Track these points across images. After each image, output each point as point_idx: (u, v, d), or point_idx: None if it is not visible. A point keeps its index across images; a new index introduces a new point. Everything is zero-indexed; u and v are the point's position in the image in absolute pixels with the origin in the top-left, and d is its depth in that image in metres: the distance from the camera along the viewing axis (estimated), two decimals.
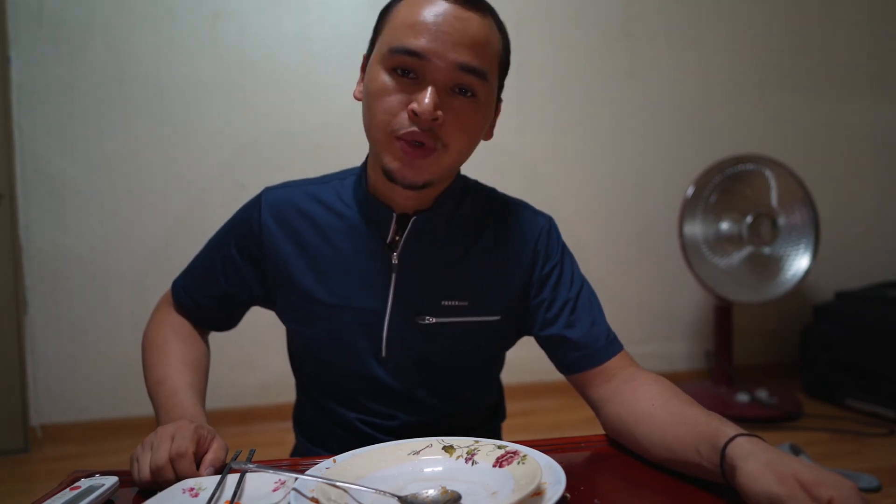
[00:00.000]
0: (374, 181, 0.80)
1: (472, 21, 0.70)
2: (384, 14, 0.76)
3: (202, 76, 2.34)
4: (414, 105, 0.69)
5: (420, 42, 0.69)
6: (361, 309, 0.82)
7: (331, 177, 0.89)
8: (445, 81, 0.70)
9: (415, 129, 0.70)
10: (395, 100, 0.71)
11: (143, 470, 0.63)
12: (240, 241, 0.87)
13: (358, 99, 0.78)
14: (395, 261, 0.81)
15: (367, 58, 0.78)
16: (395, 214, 0.80)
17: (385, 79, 0.71)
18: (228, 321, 0.94)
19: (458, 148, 0.74)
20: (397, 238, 0.81)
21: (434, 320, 0.81)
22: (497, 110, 0.80)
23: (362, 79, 0.78)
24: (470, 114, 0.72)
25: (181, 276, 0.94)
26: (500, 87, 0.79)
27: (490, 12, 0.74)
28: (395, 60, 0.70)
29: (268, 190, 0.88)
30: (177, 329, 0.90)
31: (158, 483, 0.63)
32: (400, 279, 0.81)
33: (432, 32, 0.69)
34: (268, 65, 2.39)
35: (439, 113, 0.69)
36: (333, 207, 0.84)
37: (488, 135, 0.80)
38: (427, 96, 0.69)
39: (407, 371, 0.84)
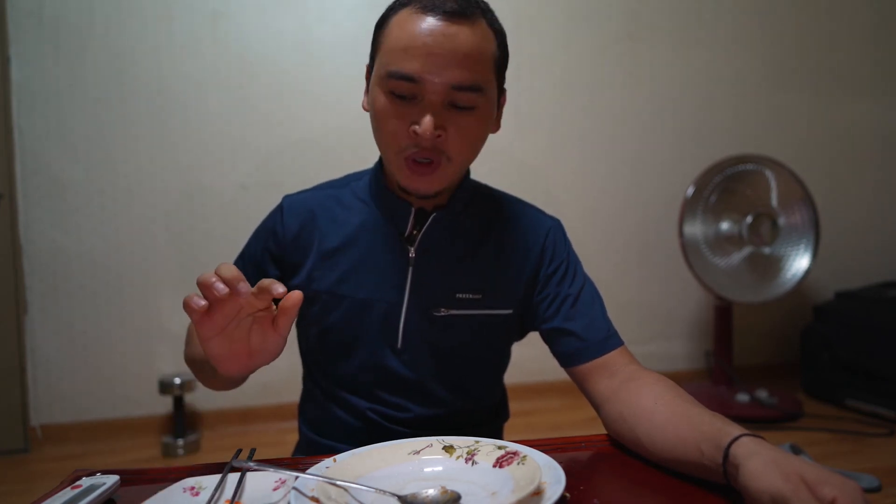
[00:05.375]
0: (393, 179, 0.84)
1: (461, 35, 0.72)
2: (379, 30, 0.78)
3: (202, 76, 2.34)
4: (415, 127, 0.73)
5: (413, 66, 0.72)
6: (379, 301, 0.85)
7: (346, 179, 0.93)
8: (442, 100, 0.73)
9: (419, 148, 0.74)
10: (397, 122, 0.75)
11: (215, 284, 0.57)
12: (267, 247, 0.91)
13: (366, 110, 0.82)
14: (412, 254, 0.84)
15: (369, 68, 0.81)
16: (413, 209, 0.83)
17: (386, 102, 0.75)
18: None
19: (462, 158, 0.78)
20: (414, 232, 0.85)
21: (448, 312, 0.85)
22: (502, 101, 0.83)
23: (367, 90, 0.82)
24: (471, 125, 0.76)
25: None
26: (502, 80, 0.81)
27: (481, 14, 0.75)
28: (392, 85, 0.74)
29: (288, 196, 0.92)
30: None
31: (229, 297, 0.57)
32: (416, 272, 0.84)
33: (423, 55, 0.71)
34: (268, 64, 2.39)
35: (440, 133, 0.73)
36: (352, 206, 0.88)
37: (495, 127, 0.83)
38: (426, 119, 0.72)
39: (421, 362, 0.86)
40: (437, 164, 0.76)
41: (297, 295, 0.61)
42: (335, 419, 0.90)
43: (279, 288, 0.58)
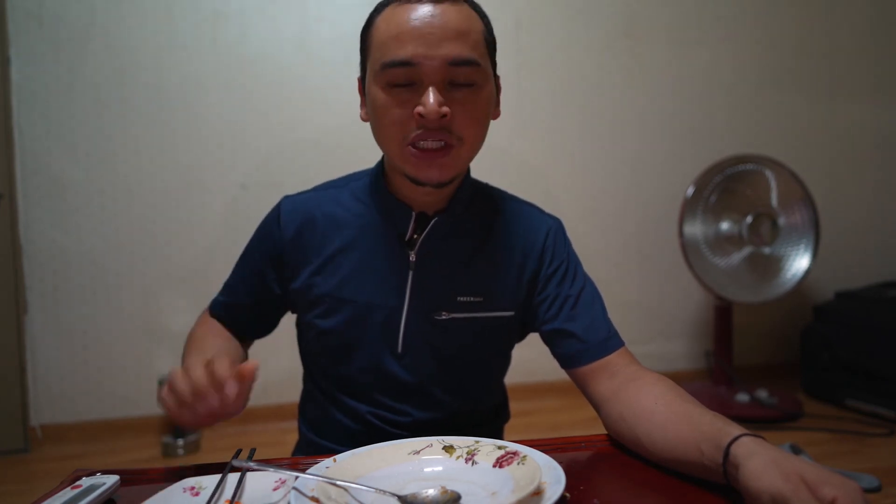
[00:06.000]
0: (394, 181, 0.83)
1: (449, 13, 0.72)
2: (365, 35, 0.79)
3: (202, 76, 2.34)
4: (419, 108, 0.72)
5: (407, 50, 0.71)
6: (380, 305, 0.84)
7: (346, 179, 0.92)
8: (442, 79, 0.72)
9: (424, 130, 0.73)
10: (399, 110, 0.74)
11: (183, 391, 0.62)
12: (263, 249, 0.90)
13: (365, 120, 0.82)
14: (412, 258, 0.83)
15: (361, 80, 0.82)
16: (414, 214, 0.82)
17: (384, 95, 0.74)
18: (264, 328, 0.97)
19: (473, 138, 0.77)
20: (415, 236, 0.83)
21: (450, 316, 0.84)
22: (498, 87, 0.82)
23: (363, 102, 0.82)
24: (474, 102, 0.75)
25: (219, 293, 0.96)
26: (494, 64, 0.80)
27: None
28: (389, 75, 0.73)
29: (286, 198, 0.91)
30: (213, 328, 0.93)
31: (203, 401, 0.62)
32: (417, 276, 0.83)
33: (415, 37, 0.71)
34: (268, 64, 2.39)
35: (445, 109, 0.72)
36: (351, 208, 0.87)
37: (496, 114, 0.82)
38: (430, 97, 0.71)
39: (421, 366, 0.86)
40: (448, 148, 0.74)
41: (249, 369, 0.62)
42: (335, 421, 0.90)
43: (230, 388, 0.62)
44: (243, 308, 0.93)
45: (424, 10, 0.71)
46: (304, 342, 0.96)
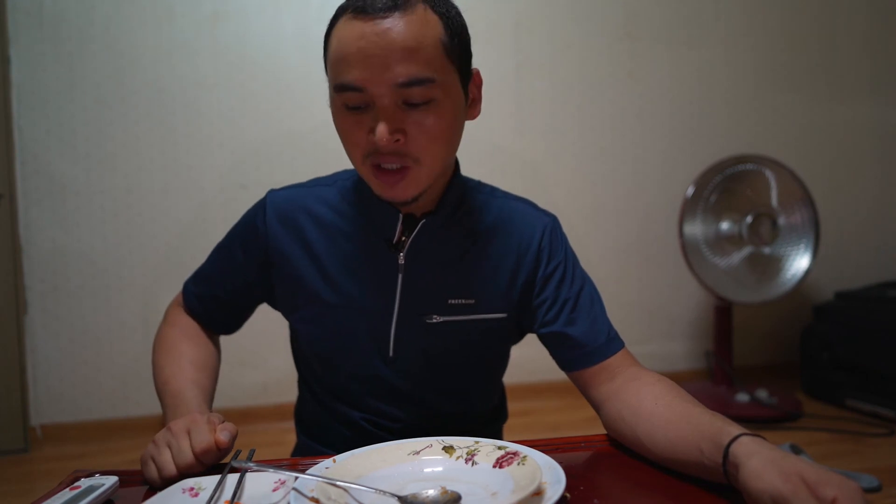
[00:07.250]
0: None
1: (395, 29, 0.67)
2: (326, 42, 0.76)
3: (203, 76, 2.34)
4: (372, 136, 0.70)
5: (354, 75, 0.68)
6: (368, 309, 0.82)
7: (334, 177, 0.89)
8: (393, 102, 0.69)
9: (381, 154, 0.71)
10: (356, 132, 0.72)
11: (168, 468, 0.63)
12: (245, 243, 0.88)
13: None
14: (401, 261, 0.81)
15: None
16: (401, 215, 0.80)
17: (341, 116, 0.73)
18: (235, 323, 0.95)
19: (432, 157, 0.73)
20: (403, 238, 0.81)
21: (441, 319, 0.82)
22: (476, 83, 0.78)
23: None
24: (432, 121, 0.71)
25: (191, 280, 0.94)
26: (465, 61, 0.75)
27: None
28: (341, 98, 0.71)
29: (272, 192, 0.88)
30: (186, 330, 0.91)
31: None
32: (406, 279, 0.81)
33: (361, 61, 0.68)
34: (268, 64, 2.39)
35: (398, 136, 0.69)
36: (338, 208, 0.84)
37: (473, 114, 0.79)
38: (380, 126, 0.69)
39: (413, 371, 0.84)
40: (406, 170, 0.72)
41: (223, 440, 0.66)
42: (330, 427, 0.89)
43: (208, 456, 0.65)
44: (218, 302, 0.91)
45: (369, 28, 0.67)
46: (295, 347, 0.94)
